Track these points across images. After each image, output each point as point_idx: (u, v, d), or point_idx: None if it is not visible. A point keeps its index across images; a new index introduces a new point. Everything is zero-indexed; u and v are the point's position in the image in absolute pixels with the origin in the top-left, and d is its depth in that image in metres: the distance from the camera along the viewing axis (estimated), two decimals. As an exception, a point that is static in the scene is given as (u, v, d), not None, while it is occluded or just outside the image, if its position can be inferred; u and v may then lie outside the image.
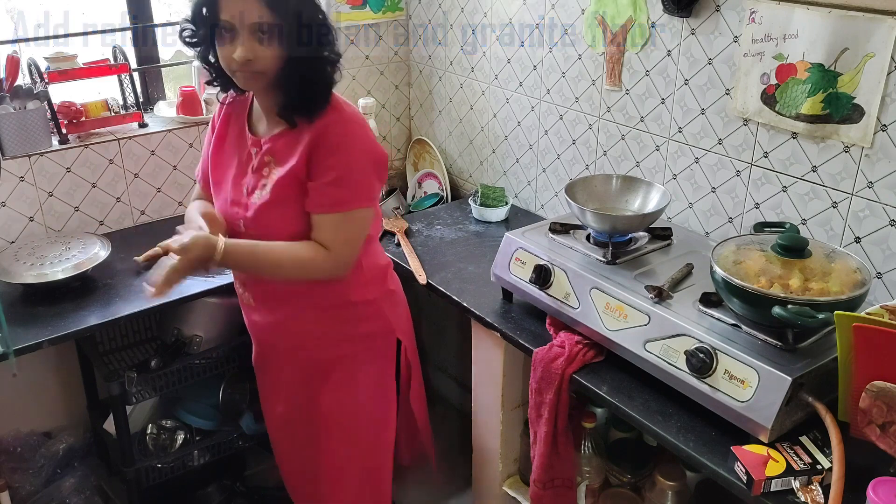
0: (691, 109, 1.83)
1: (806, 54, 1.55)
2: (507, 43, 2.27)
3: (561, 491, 1.70)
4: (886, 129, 1.48)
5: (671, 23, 1.81)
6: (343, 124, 1.52)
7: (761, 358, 1.30)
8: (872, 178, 1.52)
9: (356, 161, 1.52)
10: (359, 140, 1.53)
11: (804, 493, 1.22)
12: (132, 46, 2.34)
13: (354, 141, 1.52)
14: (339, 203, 1.51)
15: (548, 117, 2.21)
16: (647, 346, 1.46)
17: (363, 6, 2.50)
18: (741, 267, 1.40)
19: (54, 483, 2.18)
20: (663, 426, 1.40)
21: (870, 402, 1.20)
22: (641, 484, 1.80)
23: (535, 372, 1.61)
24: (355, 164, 1.52)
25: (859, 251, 1.57)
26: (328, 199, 1.51)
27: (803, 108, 1.58)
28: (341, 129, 1.51)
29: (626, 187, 1.80)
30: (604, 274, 1.59)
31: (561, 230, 1.76)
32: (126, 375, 1.90)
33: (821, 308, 1.27)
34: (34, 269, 1.91)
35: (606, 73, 2.00)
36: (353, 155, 1.51)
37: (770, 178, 1.70)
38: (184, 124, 2.30)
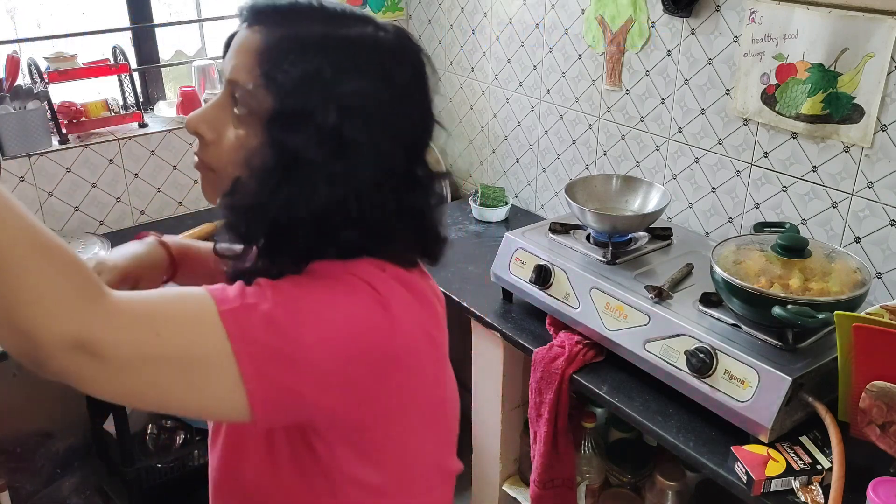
0: (691, 109, 1.83)
1: (806, 54, 1.55)
2: (507, 43, 2.27)
3: (561, 491, 1.70)
4: (886, 129, 1.48)
5: (671, 23, 1.81)
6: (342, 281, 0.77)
7: (761, 358, 1.30)
8: (872, 178, 1.52)
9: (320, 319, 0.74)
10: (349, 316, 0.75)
11: (804, 493, 1.22)
12: (132, 46, 2.34)
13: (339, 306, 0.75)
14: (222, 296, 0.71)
15: (548, 117, 2.21)
16: (647, 346, 1.46)
17: (363, 6, 2.50)
18: (741, 267, 1.40)
19: (54, 483, 2.18)
20: (663, 426, 1.40)
21: (870, 402, 1.20)
22: (641, 484, 1.80)
23: (535, 372, 1.61)
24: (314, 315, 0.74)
25: (859, 251, 1.57)
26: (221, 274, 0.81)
27: (803, 108, 1.58)
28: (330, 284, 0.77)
29: (626, 187, 1.80)
30: (604, 274, 1.59)
31: (561, 230, 1.76)
32: (126, 375, 1.90)
33: (821, 308, 1.27)
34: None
35: (606, 73, 2.00)
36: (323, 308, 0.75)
37: (770, 178, 1.70)
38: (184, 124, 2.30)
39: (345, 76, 0.75)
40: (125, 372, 0.64)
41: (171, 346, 0.66)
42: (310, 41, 0.75)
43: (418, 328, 0.79)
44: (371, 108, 0.75)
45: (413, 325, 0.78)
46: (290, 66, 0.74)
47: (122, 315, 0.64)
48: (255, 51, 0.76)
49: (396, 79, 0.78)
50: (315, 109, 0.74)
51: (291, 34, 0.75)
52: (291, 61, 0.74)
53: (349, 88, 0.75)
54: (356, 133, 0.75)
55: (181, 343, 0.67)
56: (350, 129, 0.74)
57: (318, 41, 0.75)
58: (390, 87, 0.77)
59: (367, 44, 0.77)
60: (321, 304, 0.74)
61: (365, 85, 0.75)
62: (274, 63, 0.74)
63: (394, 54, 0.79)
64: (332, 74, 0.74)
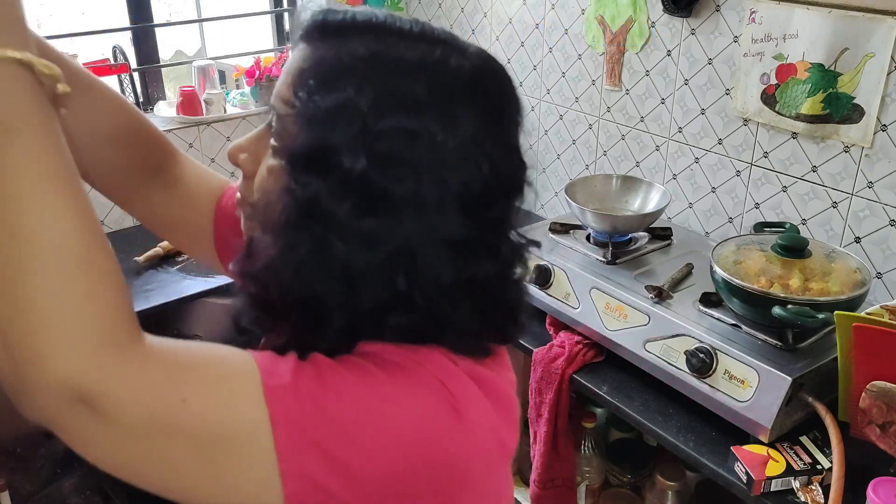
0: (691, 109, 1.83)
1: (806, 54, 1.55)
2: (507, 43, 2.27)
3: (561, 491, 1.70)
4: (886, 129, 1.48)
5: (671, 23, 1.81)
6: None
7: (761, 358, 1.30)
8: (872, 178, 1.52)
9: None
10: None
11: (804, 493, 1.22)
12: (132, 46, 2.34)
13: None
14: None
15: (548, 117, 2.21)
16: (647, 346, 1.46)
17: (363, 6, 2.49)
18: (741, 267, 1.40)
19: (54, 483, 2.18)
20: (663, 426, 1.40)
21: (870, 402, 1.20)
22: (641, 484, 1.80)
23: (535, 372, 1.61)
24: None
25: (859, 251, 1.57)
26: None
27: (803, 108, 1.58)
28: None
29: (626, 187, 1.80)
30: (604, 274, 1.59)
31: (561, 230, 1.76)
32: (126, 375, 1.90)
33: (821, 308, 1.27)
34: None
35: (606, 73, 2.00)
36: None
37: (770, 178, 1.70)
38: (184, 124, 2.30)
39: (385, 111, 0.59)
40: (132, 440, 0.51)
41: (198, 417, 0.52)
42: (352, 63, 0.60)
43: (491, 435, 0.66)
44: (415, 154, 0.59)
45: (486, 430, 0.65)
46: (322, 93, 0.60)
47: (148, 371, 0.51)
48: (293, 72, 0.64)
49: (462, 120, 0.61)
50: (343, 149, 0.59)
51: (332, 55, 0.62)
52: (326, 87, 0.60)
53: (387, 126, 0.59)
54: (389, 184, 0.59)
55: (211, 416, 0.53)
56: (381, 178, 0.59)
57: (362, 64, 0.60)
58: (450, 130, 0.60)
59: (429, 71, 0.61)
60: (385, 399, 0.60)
61: (410, 124, 0.59)
62: (306, 88, 0.61)
63: (466, 89, 0.62)
64: (371, 107, 0.59)
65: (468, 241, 0.62)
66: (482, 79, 0.63)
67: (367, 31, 0.63)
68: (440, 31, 0.65)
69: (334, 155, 0.59)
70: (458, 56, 0.63)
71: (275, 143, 0.64)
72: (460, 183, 0.61)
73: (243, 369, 0.56)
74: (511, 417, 0.70)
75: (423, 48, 0.62)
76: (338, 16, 0.64)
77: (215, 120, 2.33)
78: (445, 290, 0.62)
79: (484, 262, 0.64)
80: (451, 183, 0.61)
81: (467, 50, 0.64)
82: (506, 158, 0.65)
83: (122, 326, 0.50)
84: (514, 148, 0.66)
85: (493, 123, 0.63)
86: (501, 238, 0.66)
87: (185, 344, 0.56)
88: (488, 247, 0.65)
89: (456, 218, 0.61)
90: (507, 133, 0.65)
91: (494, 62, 0.66)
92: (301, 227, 0.60)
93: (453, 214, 0.61)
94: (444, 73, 0.62)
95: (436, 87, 0.61)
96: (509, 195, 0.67)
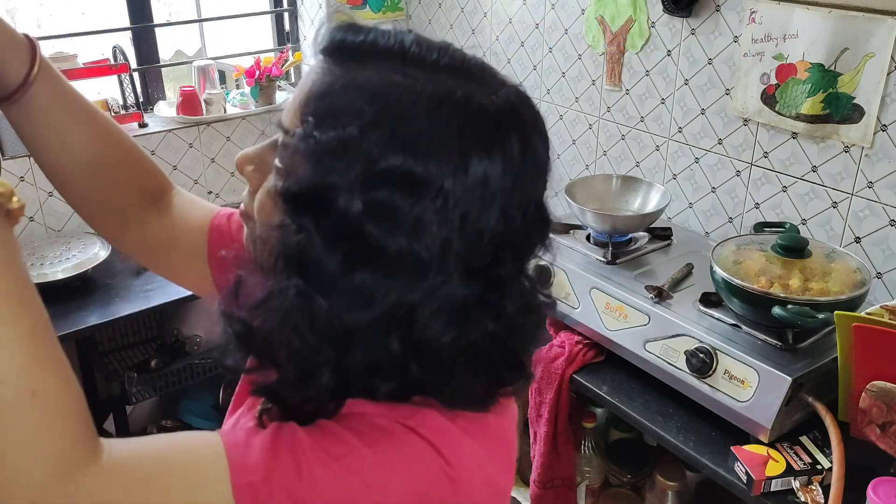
0: (691, 109, 1.83)
1: (806, 54, 1.55)
2: (507, 43, 2.27)
3: (561, 491, 1.70)
4: (886, 129, 1.48)
5: (671, 23, 1.81)
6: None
7: (761, 358, 1.30)
8: (872, 178, 1.52)
9: None
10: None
11: (804, 493, 1.22)
12: (132, 46, 2.34)
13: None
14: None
15: (548, 117, 2.21)
16: (647, 346, 1.46)
17: (363, 6, 2.50)
18: (741, 267, 1.40)
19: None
20: (663, 426, 1.40)
21: (870, 402, 1.20)
22: (641, 484, 1.80)
23: (535, 372, 1.61)
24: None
25: (859, 251, 1.57)
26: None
27: (803, 108, 1.58)
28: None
29: (626, 187, 1.80)
30: (604, 274, 1.59)
31: (561, 230, 1.76)
32: (126, 375, 1.90)
33: (821, 308, 1.27)
34: (34, 269, 1.91)
35: (606, 73, 2.00)
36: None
37: (770, 178, 1.70)
38: (184, 124, 2.30)
39: (392, 152, 0.53)
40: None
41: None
42: (363, 97, 0.54)
43: (486, 486, 0.62)
44: (418, 204, 0.53)
45: (482, 485, 0.61)
46: (326, 128, 0.54)
47: (104, 494, 0.49)
48: (304, 93, 0.58)
49: (474, 169, 0.54)
50: (340, 192, 0.53)
51: (344, 83, 0.56)
52: (331, 121, 0.54)
53: (391, 170, 0.53)
54: (385, 236, 0.53)
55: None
56: (377, 228, 0.53)
57: (374, 97, 0.54)
58: (460, 179, 0.54)
59: (448, 111, 0.54)
60: (370, 487, 0.55)
61: (417, 169, 0.53)
62: (312, 118, 0.55)
63: (486, 135, 0.55)
64: (377, 147, 0.53)
65: (470, 301, 0.57)
66: (506, 125, 0.56)
67: (388, 58, 0.57)
68: (473, 62, 0.58)
69: (330, 198, 0.53)
70: (485, 96, 0.56)
71: (279, 165, 0.59)
72: (465, 240, 0.55)
73: (211, 469, 0.52)
74: (508, 460, 0.67)
75: (447, 83, 0.55)
76: (359, 36, 0.58)
77: (215, 120, 2.33)
78: (443, 354, 0.57)
79: (488, 324, 0.58)
80: (455, 239, 0.55)
81: (498, 89, 0.57)
82: (521, 215, 0.58)
83: (74, 452, 0.48)
84: (532, 203, 0.59)
85: (512, 175, 0.56)
86: (508, 295, 0.59)
87: (147, 447, 0.53)
88: (493, 307, 0.58)
89: (458, 278, 0.56)
90: (528, 187, 0.58)
91: (524, 108, 0.59)
92: (287, 273, 0.55)
93: (455, 274, 0.56)
94: (465, 115, 0.55)
95: (452, 130, 0.54)
96: (521, 254, 0.61)
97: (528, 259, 0.62)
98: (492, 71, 0.59)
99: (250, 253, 0.61)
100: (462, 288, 0.56)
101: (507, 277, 0.59)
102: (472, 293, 0.57)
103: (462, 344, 0.58)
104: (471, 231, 0.55)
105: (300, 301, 0.55)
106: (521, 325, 0.61)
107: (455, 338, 0.57)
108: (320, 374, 0.57)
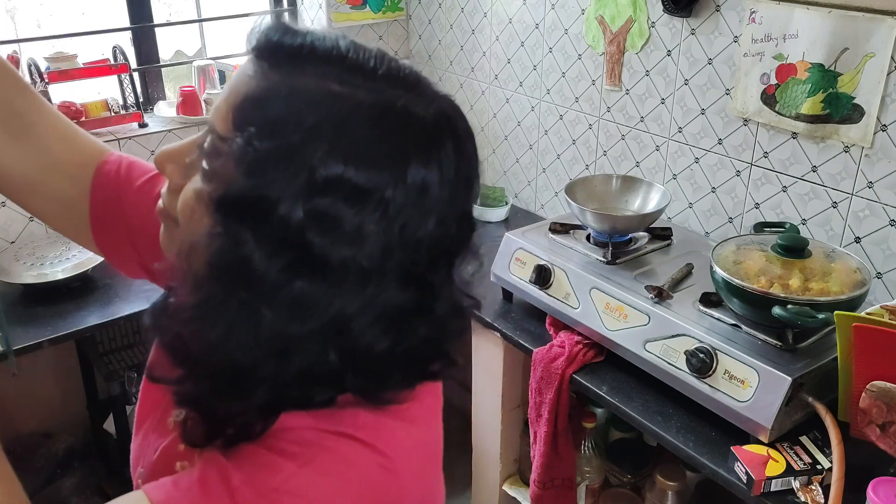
0: (691, 109, 1.83)
1: (806, 54, 1.55)
2: (507, 43, 2.27)
3: (561, 491, 1.70)
4: (886, 129, 1.48)
5: (671, 23, 1.81)
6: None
7: (761, 358, 1.30)
8: (872, 178, 1.52)
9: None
10: None
11: (804, 493, 1.22)
12: (132, 46, 2.34)
13: None
14: None
15: (548, 117, 2.21)
16: (647, 346, 1.46)
17: (363, 6, 2.50)
18: (741, 267, 1.40)
19: (54, 483, 2.18)
20: (663, 426, 1.40)
21: (870, 402, 1.20)
22: (641, 484, 1.80)
23: (535, 372, 1.61)
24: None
25: (859, 251, 1.57)
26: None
27: (803, 108, 1.58)
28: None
29: (626, 187, 1.80)
30: (604, 274, 1.59)
31: (561, 230, 1.76)
32: (126, 375, 1.90)
33: (821, 308, 1.27)
34: (34, 269, 1.91)
35: (606, 73, 2.00)
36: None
37: (770, 178, 1.70)
38: (184, 124, 2.30)
39: (334, 163, 0.52)
40: None
41: None
42: (303, 105, 0.54)
43: (427, 459, 0.65)
44: (360, 214, 0.53)
45: (422, 459, 0.64)
46: (265, 137, 0.53)
47: None
48: (237, 95, 0.56)
49: (413, 179, 0.55)
50: (281, 203, 0.52)
51: (281, 90, 0.55)
52: (270, 129, 0.53)
53: (333, 180, 0.52)
54: (327, 246, 0.53)
55: None
56: (319, 238, 0.53)
57: (314, 106, 0.54)
58: (400, 188, 0.54)
59: (389, 122, 0.55)
60: (311, 500, 0.55)
61: (360, 179, 0.53)
62: (247, 125, 0.54)
63: (424, 145, 0.56)
64: (319, 157, 0.52)
65: (407, 308, 0.57)
66: (443, 135, 0.57)
67: (326, 64, 0.56)
68: (408, 72, 0.58)
69: (270, 207, 0.52)
70: (422, 107, 0.57)
71: (206, 167, 0.57)
72: (405, 248, 0.56)
73: None
74: (436, 422, 0.68)
75: (387, 93, 0.56)
76: (296, 39, 0.57)
77: (215, 120, 2.33)
78: (380, 360, 0.58)
79: (422, 328, 0.59)
80: (395, 248, 0.55)
81: (433, 100, 0.58)
82: (455, 222, 0.59)
83: None
84: (463, 212, 0.60)
85: (448, 184, 0.57)
86: (440, 299, 0.60)
87: None
88: (427, 311, 0.59)
89: (396, 285, 0.56)
90: (462, 195, 0.59)
91: (458, 119, 0.60)
92: (225, 284, 0.54)
93: (394, 282, 0.56)
94: (405, 125, 0.55)
95: (393, 140, 0.55)
96: (454, 259, 0.62)
97: (458, 264, 0.63)
98: (426, 81, 0.59)
99: (173, 257, 0.59)
100: (399, 295, 0.57)
101: (441, 283, 0.60)
102: (408, 300, 0.57)
103: (398, 351, 0.58)
104: (410, 239, 0.55)
105: (242, 314, 0.54)
106: (450, 327, 0.63)
107: (391, 345, 0.57)
108: (258, 389, 0.55)
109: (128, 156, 0.81)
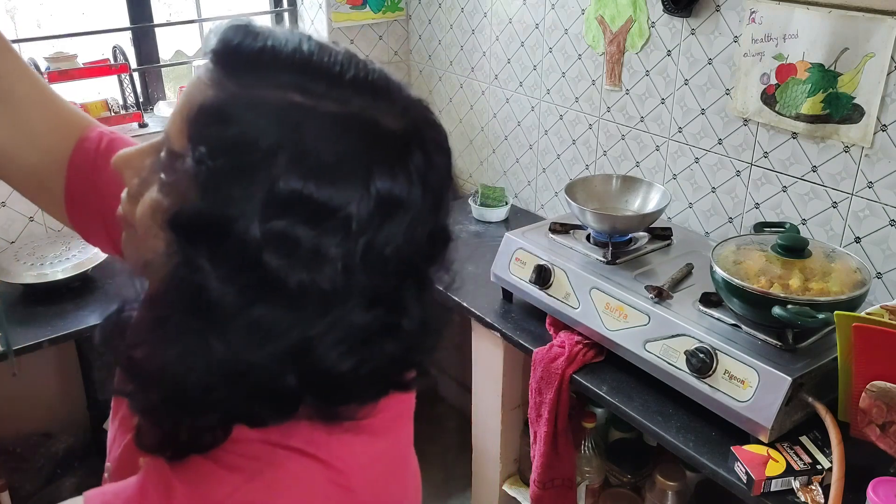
0: (691, 109, 1.83)
1: (806, 54, 1.55)
2: (507, 43, 2.27)
3: (561, 491, 1.70)
4: (886, 129, 1.48)
5: (671, 23, 1.81)
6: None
7: (761, 358, 1.30)
8: (872, 178, 1.52)
9: None
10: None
11: (804, 493, 1.22)
12: (132, 46, 2.34)
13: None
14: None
15: (548, 117, 2.21)
16: (647, 346, 1.46)
17: (363, 6, 2.49)
18: (741, 267, 1.40)
19: (54, 483, 2.18)
20: (663, 426, 1.40)
21: (870, 402, 1.20)
22: (641, 484, 1.80)
23: (535, 372, 1.61)
24: None
25: (859, 251, 1.57)
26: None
27: (803, 108, 1.58)
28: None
29: (626, 187, 1.80)
30: (604, 274, 1.59)
31: (561, 230, 1.76)
32: (126, 375, 1.90)
33: (821, 308, 1.27)
34: (34, 269, 1.91)
35: (606, 73, 2.00)
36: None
37: (770, 178, 1.70)
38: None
39: (295, 179, 0.49)
40: None
41: None
42: (262, 118, 0.50)
43: (385, 474, 0.63)
44: (322, 234, 0.50)
45: (379, 474, 0.62)
46: (221, 153, 0.50)
47: None
48: (195, 105, 0.52)
49: (379, 193, 0.51)
50: (238, 223, 0.49)
51: (243, 101, 0.51)
52: (227, 144, 0.50)
53: (294, 198, 0.49)
54: (286, 269, 0.49)
55: None
56: (278, 260, 0.49)
57: (275, 119, 0.50)
58: (364, 203, 0.51)
59: (355, 134, 0.51)
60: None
61: (322, 196, 0.49)
62: (202, 137, 0.51)
63: (391, 157, 0.52)
64: (279, 174, 0.49)
65: (372, 327, 0.54)
66: (412, 148, 0.54)
67: (289, 71, 0.52)
68: (377, 76, 0.54)
69: (226, 229, 0.49)
70: (391, 117, 0.53)
71: (164, 178, 0.54)
72: (370, 268, 0.52)
73: None
74: (400, 426, 0.66)
75: (353, 102, 0.52)
76: (256, 43, 0.53)
77: (215, 120, 2.33)
78: (341, 382, 0.54)
79: (387, 346, 0.55)
80: (359, 268, 0.51)
81: (403, 106, 0.54)
82: (426, 237, 0.56)
83: None
84: (435, 226, 0.57)
85: (417, 199, 0.53)
86: (408, 315, 0.56)
87: None
88: (394, 329, 0.55)
89: (361, 306, 0.53)
90: (432, 210, 0.55)
91: (428, 129, 0.56)
92: (179, 308, 0.51)
93: (358, 302, 0.52)
94: (371, 139, 0.52)
95: (357, 155, 0.51)
96: (425, 275, 0.58)
97: (429, 279, 0.59)
98: (396, 85, 0.55)
99: (132, 264, 0.57)
100: (364, 316, 0.53)
101: (411, 299, 0.56)
102: (374, 319, 0.54)
103: (362, 371, 0.54)
104: (376, 258, 0.52)
105: (196, 338, 0.51)
106: (422, 342, 0.58)
107: (355, 364, 0.54)
108: (210, 411, 0.54)
109: (110, 132, 0.77)
